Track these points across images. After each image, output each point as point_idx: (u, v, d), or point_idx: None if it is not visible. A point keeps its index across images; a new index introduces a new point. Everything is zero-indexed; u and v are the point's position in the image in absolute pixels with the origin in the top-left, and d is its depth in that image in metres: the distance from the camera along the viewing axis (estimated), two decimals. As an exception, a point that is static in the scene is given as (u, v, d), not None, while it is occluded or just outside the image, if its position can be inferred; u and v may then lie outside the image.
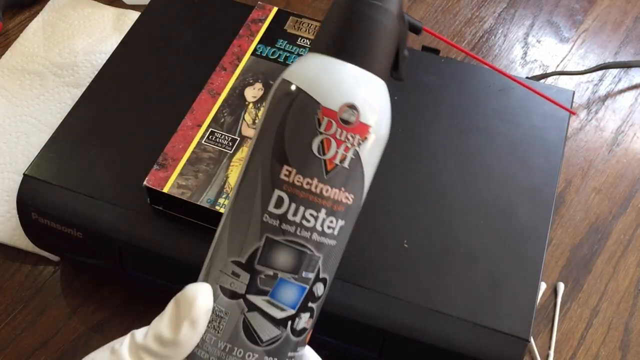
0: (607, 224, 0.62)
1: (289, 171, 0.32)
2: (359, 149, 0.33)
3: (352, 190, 0.34)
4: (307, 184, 0.33)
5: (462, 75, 0.57)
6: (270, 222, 0.33)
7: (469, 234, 0.48)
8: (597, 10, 0.78)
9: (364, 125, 0.33)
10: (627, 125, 0.69)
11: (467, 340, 0.44)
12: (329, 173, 0.33)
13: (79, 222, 0.49)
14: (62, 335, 0.54)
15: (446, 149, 0.52)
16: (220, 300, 0.33)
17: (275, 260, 0.33)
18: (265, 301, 0.33)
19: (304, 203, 0.33)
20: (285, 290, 0.33)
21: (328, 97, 0.32)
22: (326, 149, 0.32)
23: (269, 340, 0.33)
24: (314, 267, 0.33)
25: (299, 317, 0.34)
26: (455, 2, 0.78)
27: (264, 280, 0.33)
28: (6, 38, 0.72)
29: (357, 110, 0.33)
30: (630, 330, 0.57)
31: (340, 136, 0.33)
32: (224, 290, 0.33)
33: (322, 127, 0.32)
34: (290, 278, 0.33)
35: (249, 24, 0.56)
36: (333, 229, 0.34)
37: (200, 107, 0.51)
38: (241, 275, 0.33)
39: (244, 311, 0.33)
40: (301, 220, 0.33)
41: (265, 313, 0.33)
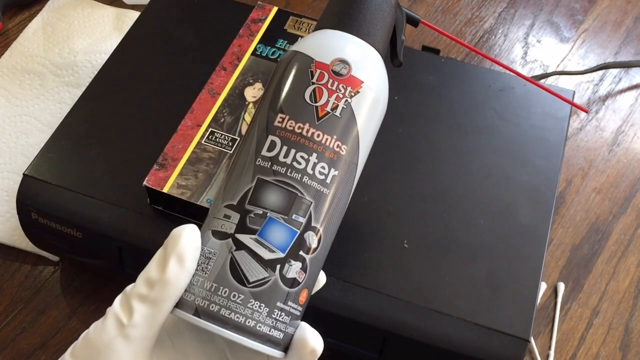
0: (608, 224, 0.62)
1: (283, 118, 0.35)
2: (351, 100, 0.35)
3: (344, 141, 0.35)
4: (299, 128, 0.34)
5: (462, 75, 0.57)
6: (263, 164, 0.34)
7: (469, 234, 0.48)
8: (597, 10, 0.78)
9: (355, 79, 0.35)
10: (628, 125, 0.69)
11: (467, 340, 0.44)
12: (321, 119, 0.35)
13: (79, 222, 0.49)
14: (62, 335, 0.54)
15: (446, 148, 0.52)
16: (210, 243, 0.34)
17: (264, 199, 0.34)
18: (254, 240, 0.33)
19: (295, 146, 0.34)
20: (274, 230, 0.34)
21: (321, 53, 0.36)
22: (318, 97, 0.35)
23: (256, 282, 0.33)
24: (304, 212, 0.34)
25: (289, 264, 0.34)
26: (456, 2, 0.78)
27: (253, 219, 0.33)
28: (6, 38, 0.72)
29: (349, 65, 0.36)
30: (631, 330, 0.57)
31: (332, 86, 0.35)
32: (214, 233, 0.34)
33: (315, 77, 0.35)
34: (279, 218, 0.34)
35: (249, 24, 0.56)
36: (325, 175, 0.35)
37: (200, 107, 0.51)
38: (232, 216, 0.34)
39: (231, 250, 0.33)
40: (292, 162, 0.34)
41: (253, 252, 0.33)
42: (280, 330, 0.34)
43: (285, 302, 0.34)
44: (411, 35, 0.74)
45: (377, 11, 0.38)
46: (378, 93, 0.37)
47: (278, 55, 0.54)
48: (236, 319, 0.33)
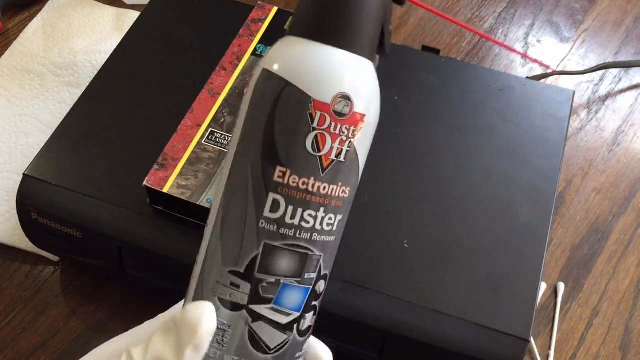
0: (608, 224, 0.62)
1: (283, 172, 0.30)
2: (354, 140, 0.31)
3: (348, 184, 0.32)
4: (304, 184, 0.30)
5: (462, 75, 0.57)
6: (267, 228, 0.31)
7: (469, 234, 0.48)
8: (597, 10, 0.78)
9: (358, 115, 0.31)
10: (628, 125, 0.69)
11: (467, 341, 0.44)
12: (326, 170, 0.31)
13: (79, 222, 0.49)
14: (62, 335, 0.54)
15: (446, 148, 0.52)
16: (220, 313, 0.31)
17: (276, 266, 0.31)
18: (270, 309, 0.31)
19: (302, 204, 0.30)
20: (289, 295, 0.32)
21: (319, 88, 0.30)
22: (321, 146, 0.30)
23: (277, 347, 0.32)
24: (315, 267, 0.32)
25: (304, 318, 0.33)
26: (456, 2, 0.78)
27: (266, 288, 0.31)
28: (6, 38, 0.72)
29: (351, 101, 0.30)
30: (631, 330, 0.57)
31: (335, 130, 0.30)
32: (223, 303, 0.31)
33: (315, 122, 0.30)
34: (293, 282, 0.31)
35: (249, 24, 0.56)
36: (332, 225, 0.32)
37: (200, 107, 0.51)
38: (241, 286, 0.31)
39: (248, 322, 0.31)
40: (300, 222, 0.31)
41: (270, 321, 0.31)
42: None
43: (302, 350, 0.34)
44: (411, 35, 0.74)
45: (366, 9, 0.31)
46: (375, 115, 0.32)
47: (278, 55, 0.54)
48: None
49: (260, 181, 0.31)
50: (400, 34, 0.74)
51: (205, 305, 0.31)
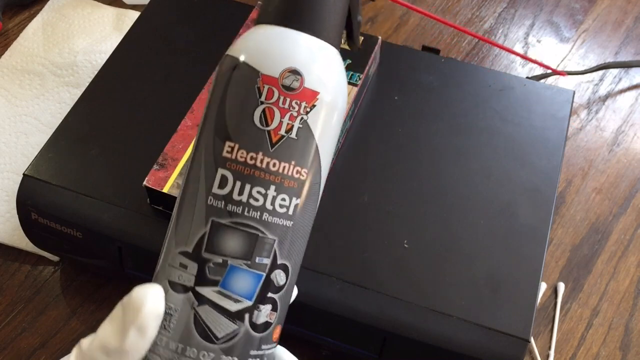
0: (608, 224, 0.62)
1: (232, 147, 0.30)
2: (307, 117, 0.30)
3: (304, 165, 0.31)
4: (252, 158, 0.30)
5: (462, 75, 0.57)
6: (215, 205, 0.30)
7: (469, 234, 0.48)
8: (597, 10, 0.78)
9: (310, 91, 0.30)
10: (628, 125, 0.69)
11: (467, 341, 0.44)
12: (275, 145, 0.30)
13: (79, 222, 0.49)
14: (62, 336, 0.54)
15: (446, 149, 0.52)
16: (169, 297, 0.30)
17: (223, 245, 0.30)
18: (216, 292, 0.30)
19: (250, 180, 0.30)
20: (237, 279, 0.30)
21: (267, 63, 0.30)
22: (269, 119, 0.30)
23: (225, 337, 0.30)
24: (268, 252, 0.30)
25: (258, 310, 0.31)
26: (456, 2, 0.78)
27: (213, 269, 0.30)
28: (6, 38, 0.72)
29: (301, 75, 0.30)
30: (631, 330, 0.57)
31: (284, 104, 0.30)
32: (172, 285, 0.30)
33: (263, 96, 0.30)
34: (241, 264, 0.30)
35: (249, 24, 0.56)
36: (287, 208, 0.31)
37: (200, 107, 0.51)
38: (189, 266, 0.30)
39: (194, 305, 0.30)
40: (248, 200, 0.30)
41: (217, 306, 0.30)
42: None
43: (259, 348, 0.32)
44: (411, 35, 0.74)
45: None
46: (338, 98, 0.31)
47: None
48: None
49: (210, 157, 0.30)
50: (400, 34, 0.74)
51: (152, 286, 0.30)
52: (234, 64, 0.31)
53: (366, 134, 0.53)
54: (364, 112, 0.54)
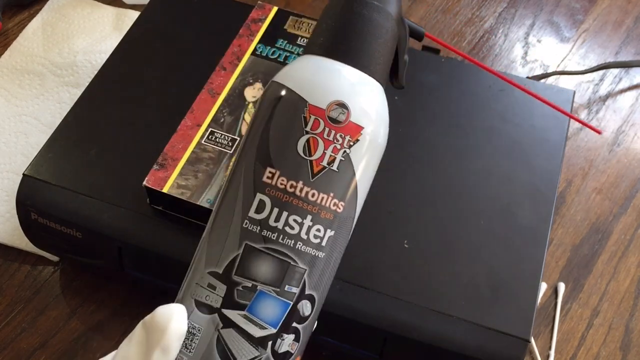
0: (608, 224, 0.62)
1: (272, 173, 0.30)
2: (350, 151, 0.31)
3: (342, 198, 0.31)
4: (292, 186, 0.30)
5: (462, 75, 0.57)
6: (251, 229, 0.30)
7: (469, 234, 0.48)
8: (597, 10, 0.78)
9: (355, 126, 0.31)
10: (628, 125, 0.69)
11: (467, 341, 0.44)
12: (316, 176, 0.30)
13: (79, 222, 0.49)
14: (61, 335, 0.54)
15: (446, 149, 0.52)
16: (194, 316, 0.30)
17: (254, 270, 0.30)
18: (242, 316, 0.30)
19: (287, 207, 0.30)
20: (265, 305, 0.30)
21: (316, 94, 0.30)
22: (312, 150, 0.30)
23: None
24: (298, 281, 0.30)
25: (282, 338, 0.31)
26: (456, 2, 0.78)
27: (242, 292, 0.30)
28: (6, 38, 0.72)
29: (347, 109, 0.30)
30: (631, 330, 0.57)
31: (329, 136, 0.30)
32: (198, 305, 0.30)
33: (309, 125, 0.30)
34: (270, 291, 0.30)
35: (249, 24, 0.56)
36: (320, 239, 0.31)
37: (200, 107, 0.51)
38: (217, 287, 0.30)
39: (218, 327, 0.30)
40: (284, 227, 0.30)
41: (242, 330, 0.30)
42: None
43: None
44: (411, 35, 0.74)
45: (377, 32, 0.32)
46: (378, 133, 0.32)
47: (278, 55, 0.54)
48: None
49: (250, 181, 0.30)
50: (401, 34, 0.74)
51: (175, 306, 0.30)
52: (281, 90, 0.31)
53: (366, 134, 0.53)
54: (364, 112, 0.54)
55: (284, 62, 0.53)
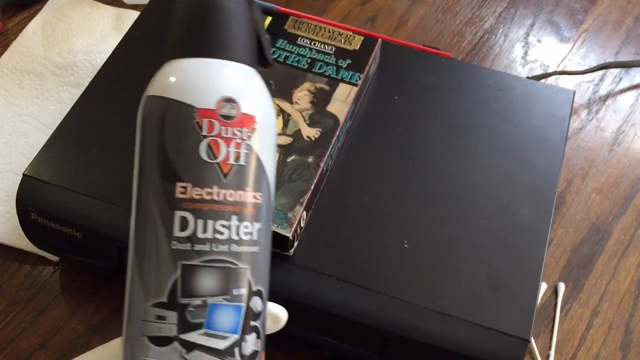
0: (608, 224, 0.62)
1: (184, 187, 0.29)
2: (250, 142, 0.30)
3: (257, 188, 0.31)
4: (208, 194, 0.29)
5: (462, 75, 0.57)
6: (181, 248, 0.29)
7: (469, 234, 0.48)
8: (597, 9, 0.78)
9: (247, 116, 0.30)
10: (628, 125, 0.69)
11: (467, 341, 0.44)
12: (227, 176, 0.30)
13: (79, 222, 0.49)
14: (61, 336, 0.54)
15: (446, 149, 0.52)
16: (153, 352, 0.29)
17: (199, 286, 0.29)
18: (202, 334, 0.29)
19: (211, 215, 0.29)
20: (220, 316, 0.30)
21: (201, 97, 0.30)
22: (216, 152, 0.30)
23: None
24: (243, 282, 0.30)
25: (245, 341, 0.30)
26: (456, 2, 0.78)
27: (194, 312, 0.29)
28: (5, 38, 0.72)
29: (236, 102, 0.30)
30: (631, 330, 0.57)
31: (227, 134, 0.30)
32: (154, 340, 0.29)
33: (205, 129, 0.30)
34: (221, 301, 0.30)
35: (249, 24, 0.56)
36: (251, 234, 0.30)
37: (200, 107, 0.51)
38: (167, 317, 0.29)
39: (182, 354, 0.29)
40: (214, 235, 0.29)
41: (206, 348, 0.29)
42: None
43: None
44: (411, 35, 0.74)
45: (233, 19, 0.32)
46: (268, 114, 0.32)
47: (278, 55, 0.54)
48: None
49: (163, 201, 0.30)
50: (401, 34, 0.74)
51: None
52: (162, 104, 0.30)
53: (366, 134, 0.53)
54: (364, 112, 0.54)
55: (284, 62, 0.53)
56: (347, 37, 0.55)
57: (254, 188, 0.31)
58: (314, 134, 0.50)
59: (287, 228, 0.45)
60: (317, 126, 0.50)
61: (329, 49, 0.54)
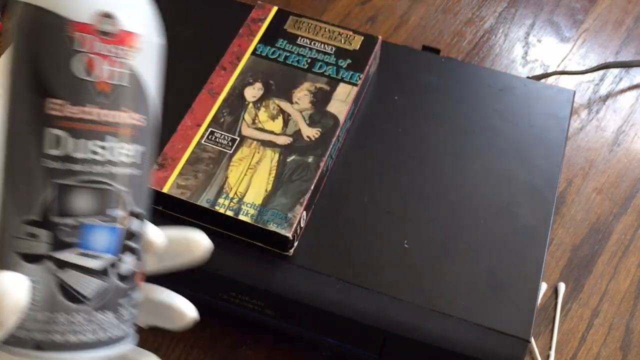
0: (608, 224, 0.62)
1: (57, 104, 0.28)
2: (131, 61, 0.29)
3: (138, 110, 0.30)
4: (82, 112, 0.29)
5: (462, 75, 0.57)
6: (54, 166, 0.29)
7: (469, 234, 0.48)
8: (597, 9, 0.78)
9: (128, 34, 0.29)
10: (628, 125, 0.69)
11: (467, 341, 0.44)
12: (103, 95, 0.29)
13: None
14: (61, 336, 0.54)
15: (446, 148, 0.52)
16: (24, 269, 0.29)
17: (73, 206, 0.29)
18: (76, 254, 0.29)
19: (86, 135, 0.29)
20: (94, 236, 0.29)
21: (75, 9, 0.28)
22: (90, 69, 0.28)
23: (95, 295, 0.30)
24: (119, 203, 0.30)
25: (121, 261, 0.31)
26: (456, 2, 0.78)
27: (67, 232, 0.29)
28: (6, 38, 0.72)
29: (115, 17, 0.29)
30: (631, 330, 0.57)
31: (103, 50, 0.28)
32: (25, 257, 0.29)
33: (77, 44, 0.28)
34: (96, 221, 0.29)
35: (249, 24, 0.56)
36: (128, 156, 0.30)
37: (199, 106, 0.51)
38: (39, 235, 0.29)
39: (54, 272, 0.29)
40: (90, 155, 0.29)
41: (80, 267, 0.29)
42: (130, 322, 0.32)
43: (128, 296, 0.32)
44: (411, 35, 0.74)
45: None
46: (152, 35, 0.31)
47: (278, 54, 0.54)
48: (86, 338, 0.30)
49: (34, 118, 0.29)
50: (401, 34, 0.74)
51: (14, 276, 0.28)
52: (35, 13, 0.28)
53: (366, 134, 0.53)
54: (364, 112, 0.54)
55: (284, 62, 0.53)
56: (347, 37, 0.55)
57: (134, 109, 0.30)
58: (314, 134, 0.50)
59: (287, 228, 0.45)
60: (317, 126, 0.50)
61: (329, 49, 0.54)
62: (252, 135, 0.49)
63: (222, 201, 0.46)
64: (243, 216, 0.45)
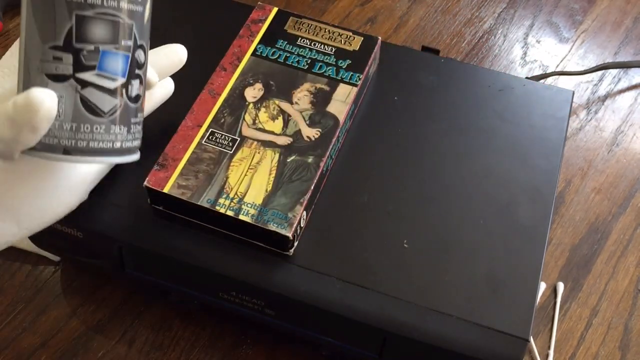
0: (607, 223, 0.63)
1: None
2: None
3: None
4: None
5: (462, 75, 0.57)
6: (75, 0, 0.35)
7: (468, 234, 0.48)
8: (596, 10, 0.79)
9: None
10: (627, 125, 0.69)
11: (467, 340, 0.44)
12: None
13: (79, 222, 0.49)
14: (62, 335, 0.54)
15: (446, 149, 0.52)
16: (52, 87, 0.35)
17: (92, 34, 0.35)
18: (95, 75, 0.36)
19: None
20: (110, 61, 0.36)
21: None
22: None
23: (111, 110, 0.37)
24: (129, 34, 0.37)
25: (131, 85, 0.38)
26: (455, 2, 0.78)
27: (87, 56, 0.36)
28: (6, 38, 0.72)
29: None
30: (630, 330, 0.57)
31: None
32: (52, 77, 0.35)
33: None
34: (112, 48, 0.36)
35: (249, 24, 0.56)
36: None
37: (200, 107, 0.51)
38: (63, 58, 0.35)
39: (77, 89, 0.36)
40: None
41: (98, 86, 0.36)
42: (139, 139, 0.40)
43: (136, 116, 0.39)
44: (411, 35, 0.74)
45: None
46: None
47: (278, 55, 0.54)
48: (105, 146, 0.37)
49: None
50: (400, 34, 0.75)
51: (47, 92, 0.34)
52: None
53: (366, 134, 0.53)
54: (364, 112, 0.54)
55: (285, 63, 0.53)
56: (347, 38, 0.55)
57: None
58: (314, 134, 0.50)
59: (287, 228, 0.45)
60: (317, 126, 0.50)
61: (329, 49, 0.54)
62: (252, 135, 0.49)
63: (223, 201, 0.46)
64: (243, 216, 0.45)
